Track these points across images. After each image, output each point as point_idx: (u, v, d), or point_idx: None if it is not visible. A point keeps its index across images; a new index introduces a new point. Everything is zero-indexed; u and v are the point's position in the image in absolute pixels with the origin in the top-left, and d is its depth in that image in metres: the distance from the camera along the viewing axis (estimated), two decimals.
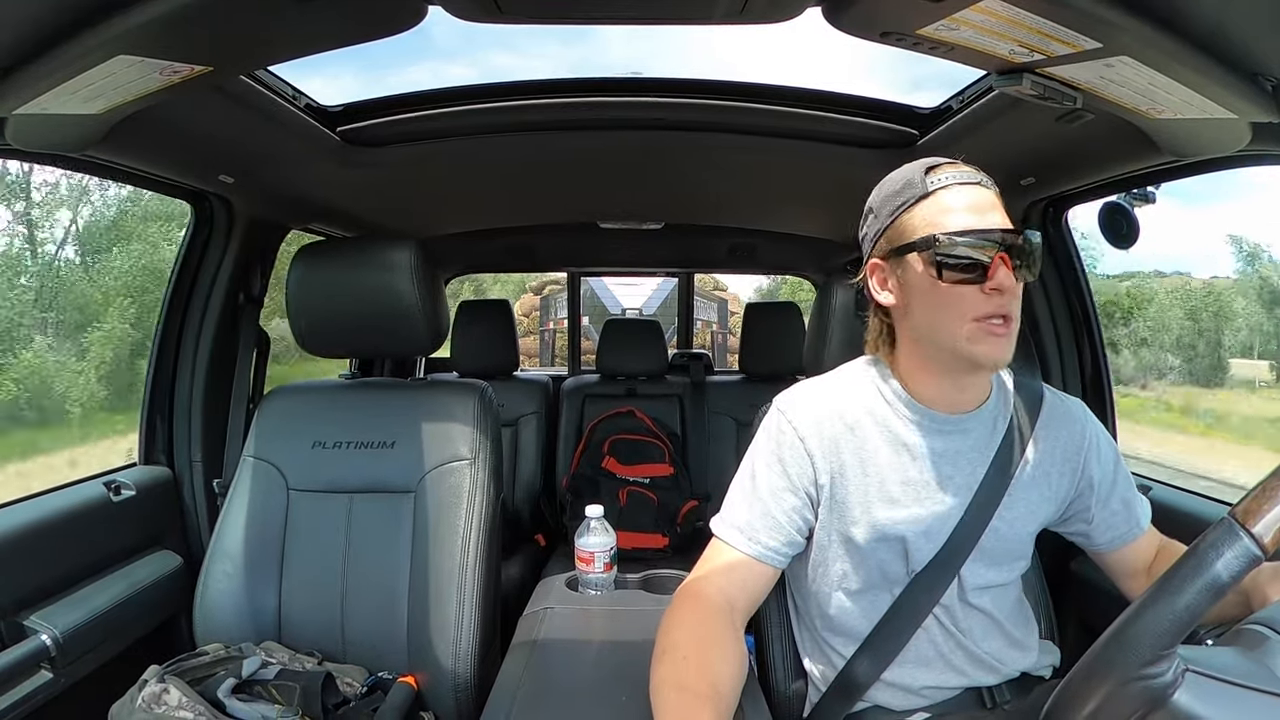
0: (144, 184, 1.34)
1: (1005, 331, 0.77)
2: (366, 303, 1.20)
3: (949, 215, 0.78)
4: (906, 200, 0.81)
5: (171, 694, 0.90)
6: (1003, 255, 0.75)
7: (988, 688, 0.90)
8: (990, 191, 0.80)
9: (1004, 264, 0.75)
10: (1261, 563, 0.51)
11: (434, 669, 1.09)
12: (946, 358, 0.81)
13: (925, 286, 0.79)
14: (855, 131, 1.35)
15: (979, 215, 0.77)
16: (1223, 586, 0.51)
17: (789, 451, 0.87)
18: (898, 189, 0.82)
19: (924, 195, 0.79)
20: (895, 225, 0.82)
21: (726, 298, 9.78)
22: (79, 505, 1.25)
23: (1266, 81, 0.78)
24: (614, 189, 1.87)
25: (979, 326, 0.76)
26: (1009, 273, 0.75)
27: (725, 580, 0.84)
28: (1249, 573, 0.51)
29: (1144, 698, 0.52)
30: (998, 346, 0.77)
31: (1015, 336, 0.78)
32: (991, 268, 0.75)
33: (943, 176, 0.79)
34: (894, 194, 0.82)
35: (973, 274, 0.76)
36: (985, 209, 0.78)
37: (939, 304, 0.78)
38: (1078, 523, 0.92)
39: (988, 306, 0.76)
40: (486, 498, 1.17)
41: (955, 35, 0.79)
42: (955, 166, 0.81)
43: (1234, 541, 0.51)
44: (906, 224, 0.80)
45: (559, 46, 39.31)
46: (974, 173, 0.80)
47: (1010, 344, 0.77)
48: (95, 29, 0.72)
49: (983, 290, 0.76)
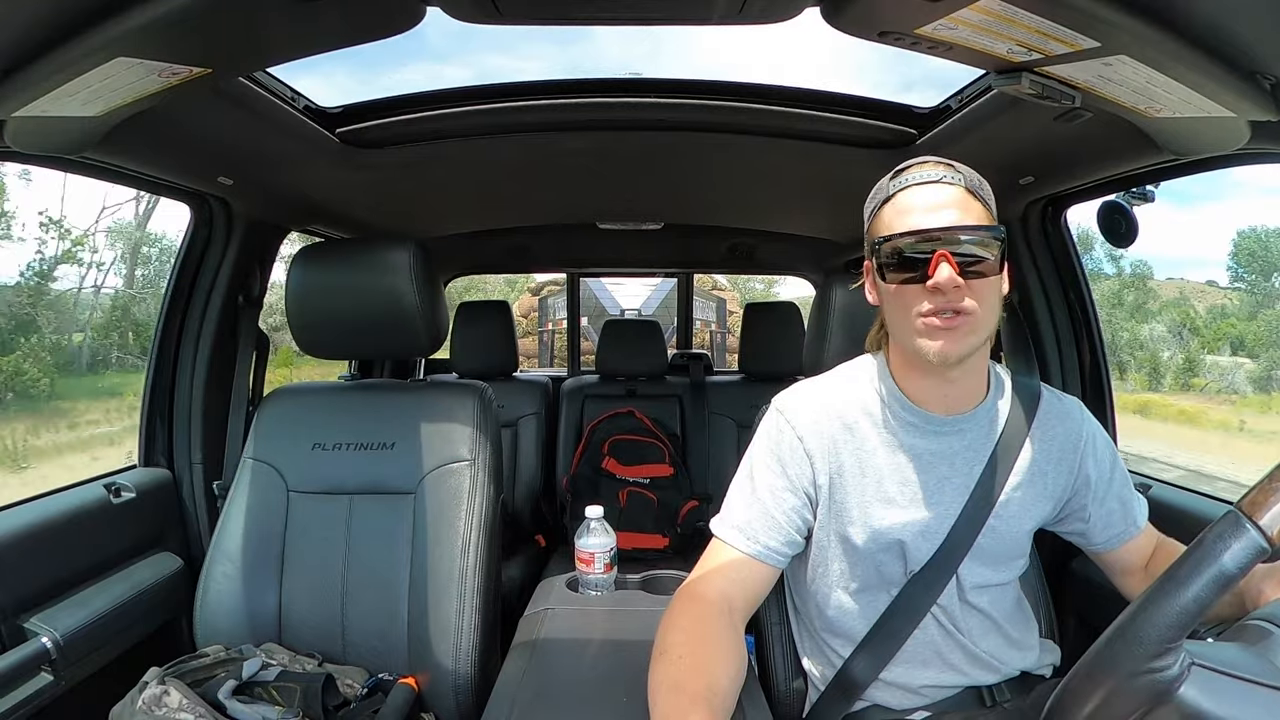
0: (143, 186, 1.34)
1: (952, 325, 0.76)
2: (366, 304, 1.20)
3: (902, 217, 0.79)
4: (875, 204, 0.84)
5: (172, 696, 0.90)
6: (944, 254, 0.75)
7: (987, 687, 0.90)
8: (954, 187, 0.80)
9: (945, 261, 0.74)
10: (1268, 554, 0.51)
11: (434, 670, 1.09)
12: (909, 355, 0.83)
13: (881, 287, 0.82)
14: (854, 131, 1.35)
15: (931, 214, 0.78)
16: (1230, 578, 0.50)
17: (788, 452, 0.87)
18: (873, 193, 0.85)
19: (887, 198, 0.82)
20: (870, 229, 0.84)
21: (725, 297, 9.78)
22: (79, 507, 1.25)
23: (1265, 80, 0.78)
24: (613, 190, 1.87)
25: (924, 322, 0.77)
26: (953, 271, 0.74)
27: (724, 580, 0.84)
28: (1255, 565, 0.51)
29: (1150, 691, 0.52)
30: (947, 341, 0.77)
31: (973, 330, 0.77)
32: (931, 266, 0.75)
33: (905, 178, 0.81)
34: (870, 198, 0.85)
35: (911, 271, 0.77)
36: (939, 207, 0.78)
37: (891, 303, 0.81)
38: (1074, 521, 0.92)
39: (931, 304, 0.76)
40: (486, 498, 1.17)
41: (953, 35, 0.79)
42: (921, 167, 0.81)
43: (1241, 533, 0.51)
44: (874, 228, 0.83)
45: (552, 48, 39.29)
46: (938, 170, 0.80)
47: (961, 338, 0.77)
48: (94, 31, 0.72)
49: (925, 288, 0.76)
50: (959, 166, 0.82)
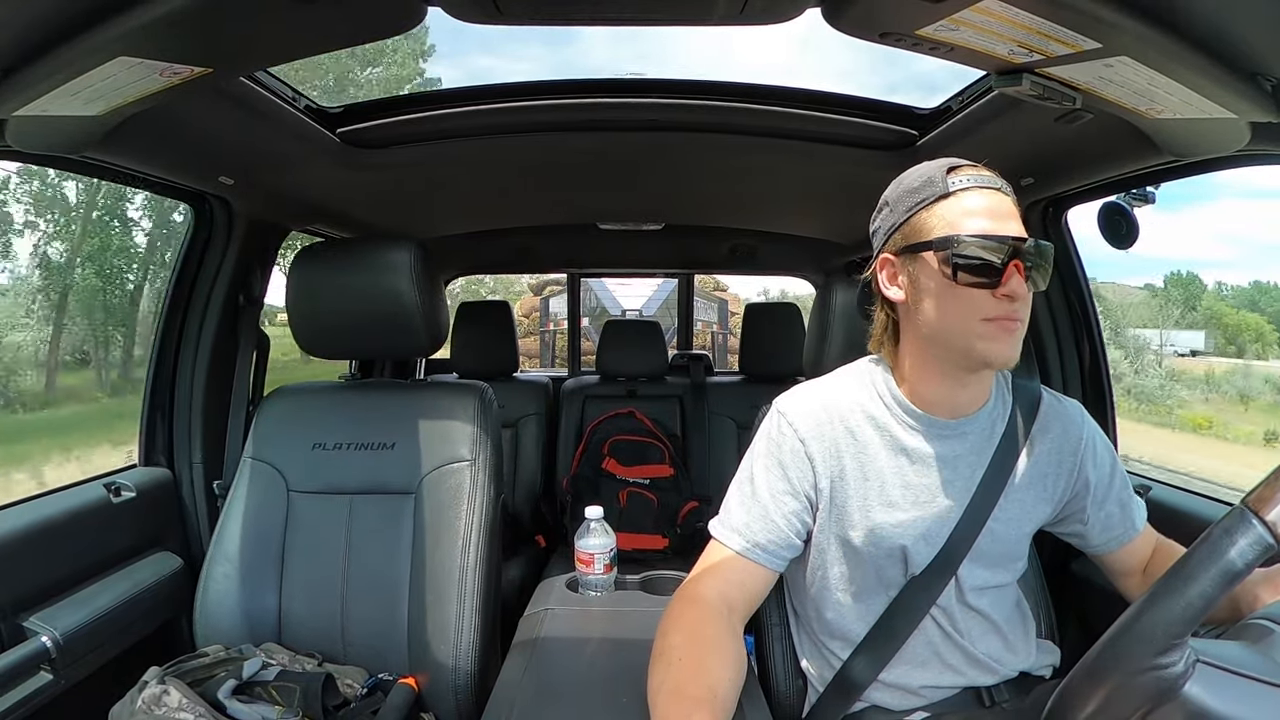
0: (144, 186, 1.33)
1: (1013, 330, 0.77)
2: (366, 304, 1.19)
3: (968, 218, 0.78)
4: (926, 198, 0.80)
5: (172, 695, 0.90)
6: (1017, 263, 0.75)
7: (986, 687, 0.90)
8: (1009, 199, 0.80)
9: (1018, 271, 0.75)
10: (1275, 550, 0.50)
11: (434, 670, 1.09)
12: (955, 356, 0.81)
13: (938, 285, 0.79)
14: (855, 132, 1.35)
15: (998, 221, 0.77)
16: (1237, 574, 0.50)
17: (789, 455, 0.87)
18: (917, 185, 0.82)
19: (944, 195, 0.79)
20: (911, 222, 0.81)
21: (726, 298, 9.78)
22: (79, 507, 1.25)
23: (1266, 81, 0.78)
24: (614, 190, 1.87)
25: (991, 325, 0.77)
26: (1021, 280, 0.76)
27: (723, 582, 0.84)
28: (1262, 560, 0.51)
29: (1155, 689, 0.51)
30: (1008, 345, 0.77)
31: (1021, 337, 0.78)
32: (1005, 274, 0.75)
33: (965, 178, 0.79)
34: (913, 190, 0.82)
35: (986, 277, 0.76)
36: (1003, 215, 0.78)
37: (951, 303, 0.78)
38: (1073, 523, 0.92)
39: (998, 310, 0.76)
40: (486, 498, 1.17)
41: (954, 35, 0.79)
42: (978, 170, 0.81)
43: (1248, 529, 0.51)
44: (924, 222, 0.80)
45: (542, 49, 39.13)
46: (995, 178, 0.80)
47: (1017, 343, 0.78)
48: (95, 30, 0.72)
49: (994, 295, 0.76)
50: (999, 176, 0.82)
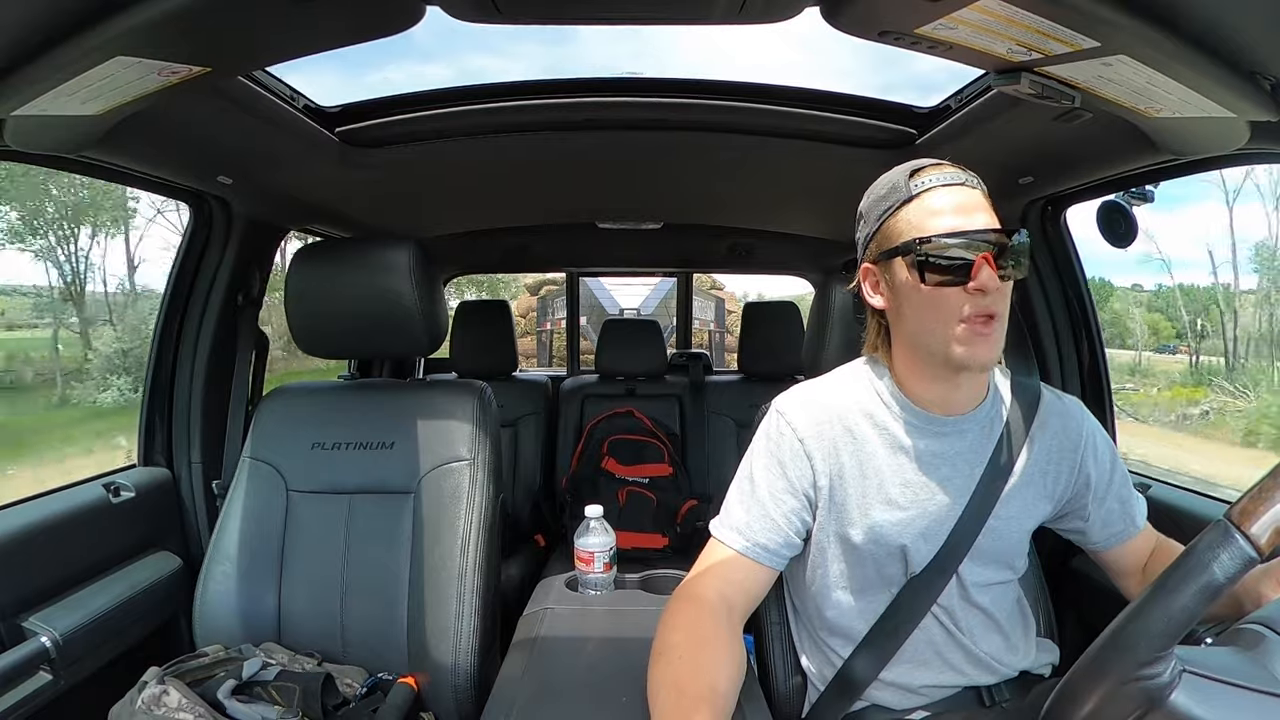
0: (143, 185, 1.33)
1: (989, 331, 0.76)
2: (365, 303, 1.19)
3: (933, 218, 0.77)
4: (892, 204, 0.81)
5: (171, 695, 0.90)
6: (986, 255, 0.75)
7: (986, 686, 0.90)
8: (977, 191, 0.80)
9: (988, 264, 0.75)
10: (1257, 563, 0.51)
11: (434, 669, 1.09)
12: (937, 361, 0.81)
13: (911, 290, 0.79)
14: (853, 131, 1.35)
15: (964, 216, 0.77)
16: (1218, 588, 0.51)
17: (788, 454, 0.87)
18: (884, 193, 0.82)
19: (908, 199, 0.79)
20: (883, 230, 0.82)
21: (723, 296, 9.78)
22: (78, 507, 1.25)
23: (1265, 80, 0.78)
24: (613, 189, 1.87)
25: (966, 328, 0.76)
26: (993, 273, 0.75)
27: (723, 581, 0.84)
28: (1244, 574, 0.51)
29: (1142, 698, 0.52)
30: (984, 348, 0.77)
31: (1002, 335, 0.78)
32: (974, 268, 0.75)
33: (927, 179, 0.79)
34: (881, 198, 0.83)
35: (954, 275, 0.76)
36: (970, 209, 0.78)
37: (925, 307, 0.79)
38: (1074, 520, 0.92)
39: (973, 308, 0.76)
40: (486, 498, 1.17)
41: (953, 34, 0.79)
42: (940, 168, 0.80)
43: (1230, 543, 0.51)
44: (892, 228, 0.81)
45: (537, 47, 39.09)
46: (959, 173, 0.80)
47: (996, 343, 0.77)
48: (93, 30, 0.72)
49: (966, 290, 0.76)
50: (967, 169, 0.81)
